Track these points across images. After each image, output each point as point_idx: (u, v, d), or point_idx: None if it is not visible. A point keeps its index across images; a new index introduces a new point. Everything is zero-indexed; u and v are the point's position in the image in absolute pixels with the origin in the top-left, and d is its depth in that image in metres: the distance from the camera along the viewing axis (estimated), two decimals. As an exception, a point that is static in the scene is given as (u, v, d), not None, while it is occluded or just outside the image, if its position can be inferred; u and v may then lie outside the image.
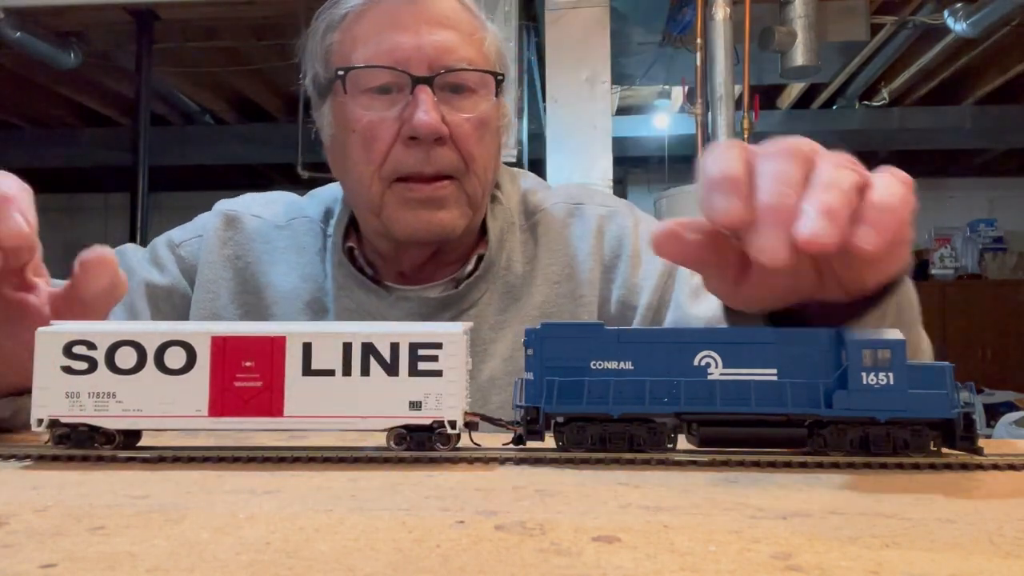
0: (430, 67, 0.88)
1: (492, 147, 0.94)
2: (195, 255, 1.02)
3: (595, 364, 0.56)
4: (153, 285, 0.99)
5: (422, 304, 0.97)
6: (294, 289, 0.98)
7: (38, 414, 0.54)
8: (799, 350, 0.55)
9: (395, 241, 0.94)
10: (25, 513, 0.41)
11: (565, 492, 0.46)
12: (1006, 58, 4.38)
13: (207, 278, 1.00)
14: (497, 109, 0.94)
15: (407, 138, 0.87)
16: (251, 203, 1.06)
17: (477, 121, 0.91)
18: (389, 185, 0.90)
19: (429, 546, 0.35)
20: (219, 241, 1.01)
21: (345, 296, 0.97)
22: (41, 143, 5.76)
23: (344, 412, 0.54)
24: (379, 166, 0.89)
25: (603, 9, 3.05)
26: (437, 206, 0.90)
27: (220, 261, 1.00)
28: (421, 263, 0.97)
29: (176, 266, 1.02)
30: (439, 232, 0.91)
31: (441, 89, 0.89)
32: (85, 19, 3.82)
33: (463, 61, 0.90)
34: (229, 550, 0.35)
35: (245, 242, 1.02)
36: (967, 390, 0.55)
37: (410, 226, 0.91)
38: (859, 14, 3.40)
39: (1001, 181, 6.45)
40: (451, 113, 0.89)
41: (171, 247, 1.03)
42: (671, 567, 0.33)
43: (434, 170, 0.89)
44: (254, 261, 1.01)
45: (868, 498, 0.45)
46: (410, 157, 0.88)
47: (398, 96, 0.89)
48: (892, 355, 0.54)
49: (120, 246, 1.03)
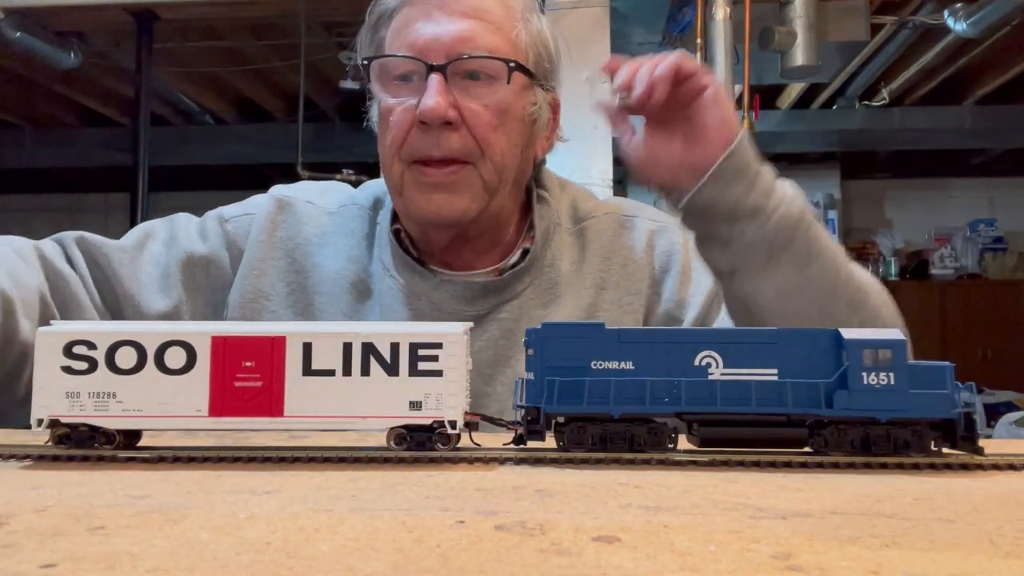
0: (447, 55, 0.91)
1: (514, 135, 0.96)
2: (241, 232, 1.06)
3: (596, 364, 0.56)
4: (193, 253, 1.03)
5: (466, 287, 0.99)
6: (340, 270, 1.02)
7: (38, 414, 0.54)
8: (800, 350, 0.55)
9: (415, 222, 0.98)
10: (25, 513, 0.41)
11: (565, 492, 0.46)
12: (1006, 58, 4.38)
13: (255, 256, 1.03)
14: (521, 98, 0.96)
15: (419, 123, 0.91)
16: (306, 190, 1.11)
17: (494, 107, 0.93)
18: (408, 167, 0.94)
19: (429, 546, 0.35)
20: (271, 223, 1.05)
21: (389, 276, 1.01)
22: (41, 143, 5.75)
23: (344, 412, 0.54)
24: (398, 149, 0.94)
25: (603, 9, 3.05)
26: (447, 190, 0.93)
27: (270, 242, 1.04)
28: (448, 245, 1.00)
29: (220, 239, 1.05)
30: (449, 216, 0.94)
31: (458, 76, 0.92)
32: (85, 19, 3.81)
33: (482, 49, 0.92)
34: (229, 550, 0.35)
35: (296, 225, 1.06)
36: (967, 390, 0.55)
37: (423, 208, 0.94)
38: (859, 14, 3.40)
39: (1001, 181, 6.44)
40: (466, 99, 0.92)
41: (220, 221, 1.07)
42: (671, 567, 0.33)
43: (442, 154, 0.92)
44: (303, 243, 1.05)
45: (868, 498, 0.45)
46: (421, 141, 0.92)
47: (418, 84, 0.92)
48: (893, 355, 0.54)
49: (175, 214, 1.09)
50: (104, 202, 7.10)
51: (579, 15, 3.05)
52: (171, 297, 1.01)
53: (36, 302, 0.88)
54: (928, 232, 6.40)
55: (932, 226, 6.39)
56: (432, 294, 0.99)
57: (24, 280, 0.87)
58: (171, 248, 1.04)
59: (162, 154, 4.48)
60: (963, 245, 6.31)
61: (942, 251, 6.30)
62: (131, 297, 0.99)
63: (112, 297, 0.99)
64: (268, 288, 1.03)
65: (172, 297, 1.01)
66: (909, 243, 6.53)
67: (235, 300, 1.02)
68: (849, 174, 6.39)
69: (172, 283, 1.01)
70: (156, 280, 1.01)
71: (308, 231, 1.06)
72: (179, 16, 3.84)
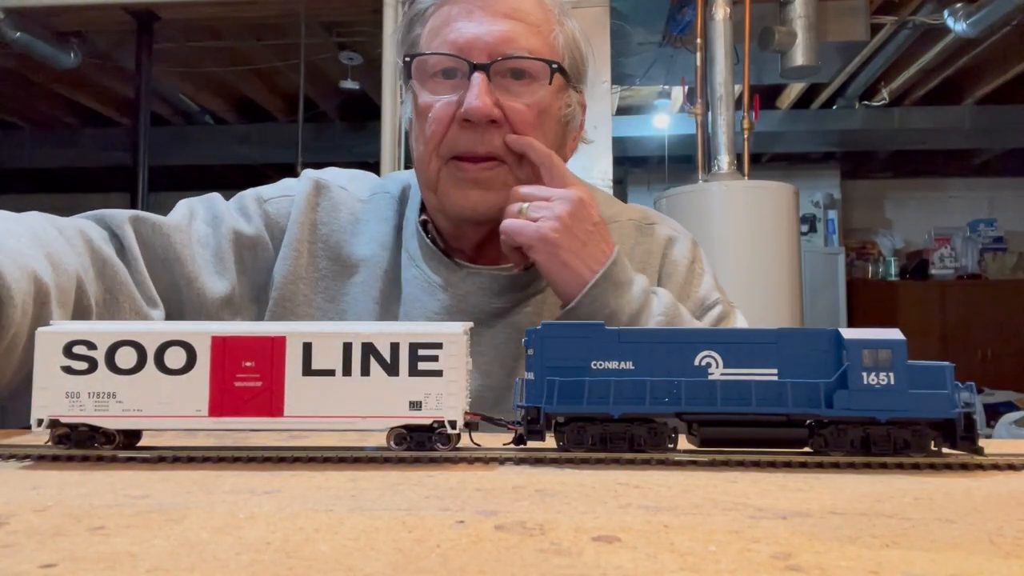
0: (490, 55, 0.92)
1: (550, 136, 0.98)
2: (281, 213, 1.05)
3: (596, 364, 0.56)
4: (241, 234, 1.02)
5: (493, 280, 1.00)
6: (374, 256, 1.03)
7: (38, 414, 0.54)
8: (800, 350, 0.55)
9: (450, 218, 0.99)
10: (25, 513, 0.41)
11: (565, 492, 0.46)
12: (1006, 58, 4.38)
13: (295, 237, 1.03)
14: (558, 99, 0.98)
15: (462, 120, 0.92)
16: (338, 176, 1.11)
17: (535, 107, 0.95)
18: (445, 163, 0.95)
19: (429, 546, 0.35)
20: (308, 205, 1.05)
21: (415, 266, 1.02)
22: (41, 143, 5.76)
23: (344, 412, 0.54)
24: (437, 145, 0.95)
25: (603, 9, 3.05)
26: (484, 186, 0.95)
27: (308, 224, 1.05)
28: (478, 242, 1.01)
29: (262, 220, 1.05)
30: (484, 212, 0.95)
31: (501, 76, 0.93)
32: (85, 19, 3.81)
33: (523, 50, 0.94)
34: (229, 550, 0.35)
35: (332, 210, 1.06)
36: (967, 390, 0.55)
37: (458, 203, 0.96)
38: (859, 14, 3.40)
39: (1001, 181, 6.44)
40: (508, 99, 0.93)
41: (259, 201, 1.06)
42: (671, 567, 0.33)
43: (486, 151, 0.93)
44: (338, 229, 1.05)
45: (868, 498, 0.45)
46: (464, 137, 0.93)
47: (460, 82, 0.93)
48: (892, 355, 0.54)
49: (207, 194, 1.07)
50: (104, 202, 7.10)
51: (579, 15, 3.04)
52: (228, 279, 1.00)
53: (72, 289, 0.84)
54: (928, 232, 6.41)
55: (932, 226, 6.40)
56: (460, 285, 1.00)
57: (64, 265, 0.83)
58: (217, 228, 1.02)
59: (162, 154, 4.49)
60: (963, 245, 6.32)
61: (942, 251, 6.31)
62: (193, 280, 0.97)
63: (169, 281, 0.97)
64: (303, 271, 1.03)
65: (229, 279, 1.00)
66: (909, 243, 6.54)
67: (276, 281, 1.02)
68: (849, 174, 6.40)
69: (227, 265, 1.01)
70: (211, 262, 1.00)
71: (343, 217, 1.06)
72: (179, 16, 3.85)
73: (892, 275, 6.30)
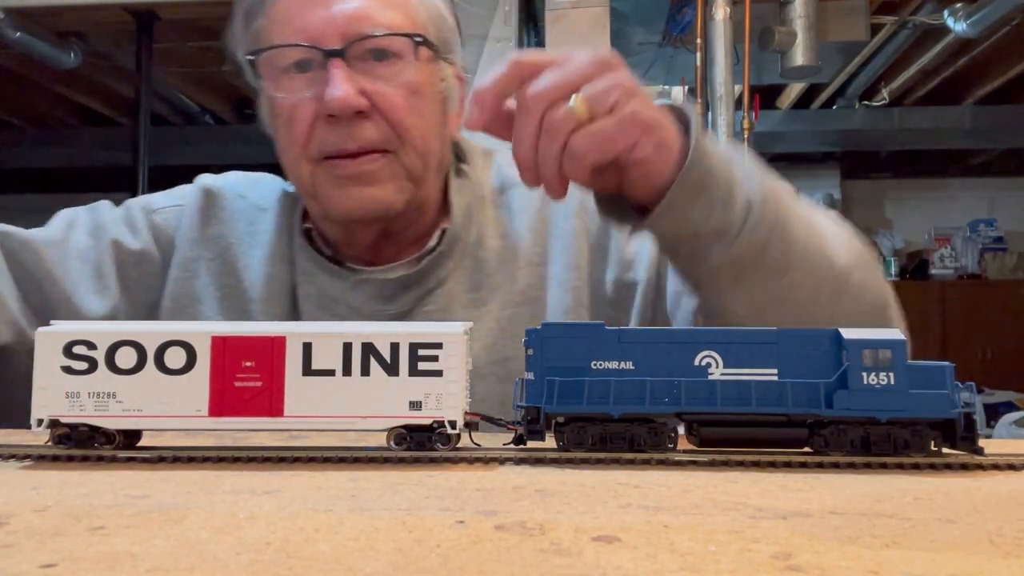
0: (344, 38, 0.82)
1: (431, 116, 0.88)
2: (171, 224, 0.97)
3: (596, 364, 0.56)
4: (123, 247, 0.94)
5: (382, 285, 0.90)
6: (273, 273, 0.93)
7: (38, 414, 0.54)
8: (800, 350, 0.55)
9: (337, 222, 0.90)
10: (25, 513, 0.41)
11: (565, 492, 0.46)
12: (1006, 58, 4.38)
13: (186, 256, 0.94)
14: (430, 75, 0.88)
15: (326, 116, 0.82)
16: (236, 183, 1.01)
17: (405, 88, 0.84)
18: (318, 164, 0.85)
19: (429, 546, 0.35)
20: (201, 219, 0.96)
21: (307, 281, 0.92)
22: (41, 143, 5.75)
23: (344, 412, 0.54)
24: (304, 147, 0.85)
25: (603, 9, 3.05)
26: (367, 182, 0.85)
27: (202, 240, 0.95)
28: (373, 243, 0.91)
29: (149, 232, 0.96)
30: (374, 209, 0.86)
31: (361, 59, 0.83)
32: (85, 19, 3.81)
33: (380, 27, 0.84)
34: (229, 550, 0.35)
35: (227, 222, 0.97)
36: (967, 390, 0.55)
37: (343, 205, 0.86)
38: (859, 14, 3.40)
39: (1001, 181, 6.44)
40: (374, 83, 0.83)
41: (147, 212, 0.97)
42: (671, 567, 0.33)
43: (358, 146, 0.83)
44: (236, 243, 0.95)
45: (868, 498, 0.45)
46: (332, 135, 0.83)
47: (316, 73, 0.83)
48: (892, 355, 0.54)
49: (95, 203, 0.99)
50: (104, 202, 7.10)
51: (579, 15, 3.05)
52: (109, 297, 0.92)
53: None
54: (928, 232, 6.41)
55: (932, 226, 6.39)
56: (350, 296, 0.90)
57: None
58: (99, 240, 0.94)
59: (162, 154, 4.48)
60: (963, 245, 6.31)
61: (942, 251, 6.30)
62: (69, 298, 0.89)
63: (41, 300, 0.88)
64: (201, 291, 0.93)
65: (109, 297, 0.92)
66: (909, 243, 6.53)
67: (167, 305, 0.93)
68: (849, 174, 6.39)
69: (108, 282, 0.92)
70: (90, 278, 0.91)
71: (240, 229, 0.96)
72: (179, 16, 3.84)
73: (892, 275, 6.30)
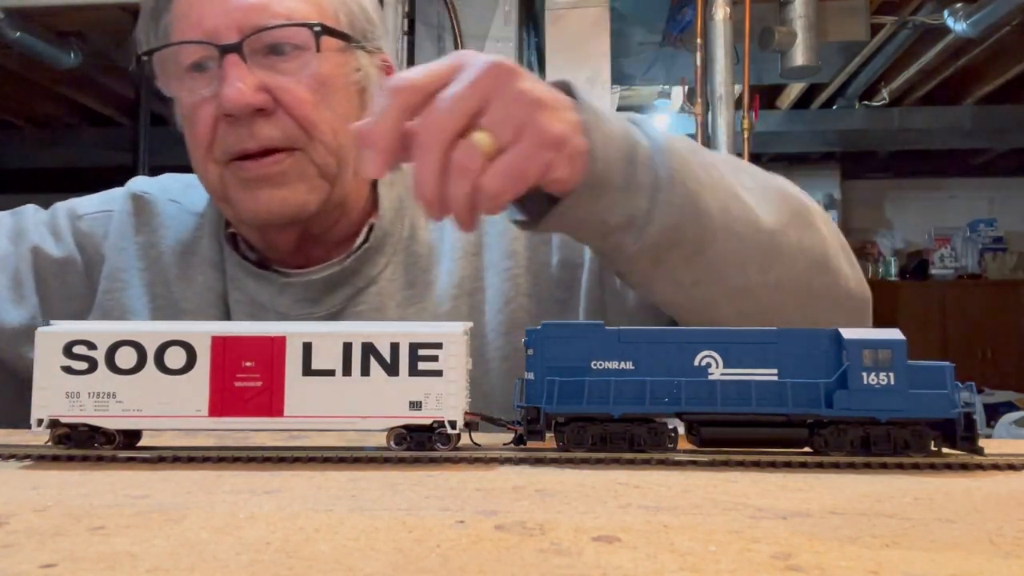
0: (240, 31, 0.78)
1: (342, 109, 0.83)
2: (97, 232, 0.92)
3: (596, 364, 0.56)
4: (43, 254, 0.90)
5: (307, 287, 0.86)
6: (206, 282, 0.89)
7: (38, 414, 0.54)
8: (800, 350, 0.55)
9: (250, 226, 0.86)
10: (25, 513, 0.41)
11: (565, 492, 0.46)
12: (1006, 58, 4.38)
13: (116, 266, 0.90)
14: (341, 65, 0.83)
15: (225, 116, 0.78)
16: (170, 186, 0.97)
17: (309, 82, 0.80)
18: (225, 166, 0.81)
19: (429, 546, 0.35)
20: (130, 227, 0.92)
21: (236, 288, 0.88)
22: (41, 143, 5.75)
23: (344, 412, 0.54)
24: (208, 149, 0.81)
25: (603, 9, 3.04)
26: (275, 183, 0.80)
27: (132, 249, 0.91)
28: (296, 246, 0.87)
29: (73, 239, 0.92)
30: (284, 212, 0.81)
31: (261, 54, 0.79)
32: (85, 19, 3.81)
33: (280, 17, 0.79)
34: (229, 550, 0.35)
35: (159, 229, 0.92)
36: (967, 390, 0.55)
37: (252, 208, 0.81)
38: (859, 14, 3.40)
39: (1001, 181, 6.44)
40: (276, 78, 0.79)
41: (72, 217, 0.93)
42: (671, 567, 0.33)
43: (259, 145, 0.79)
44: (167, 252, 0.91)
45: (868, 498, 0.45)
46: (232, 135, 0.79)
47: (215, 72, 0.79)
48: (892, 355, 0.54)
49: (22, 206, 0.95)
50: (104, 202, 7.09)
51: (579, 15, 3.05)
52: (27, 306, 0.88)
53: None
54: (928, 232, 6.41)
55: (932, 226, 6.40)
56: (278, 301, 0.86)
57: None
58: (18, 246, 0.90)
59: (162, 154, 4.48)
60: (963, 245, 6.31)
61: (942, 251, 6.31)
62: None
63: None
64: (132, 302, 0.89)
65: (28, 306, 0.88)
66: (909, 243, 6.54)
67: (96, 317, 0.89)
68: (849, 174, 6.39)
69: (26, 291, 0.88)
70: (6, 287, 0.88)
71: (172, 236, 0.91)
72: (179, 16, 3.84)
73: (892, 275, 6.30)
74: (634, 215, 0.65)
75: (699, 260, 0.69)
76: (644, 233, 0.66)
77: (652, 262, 0.68)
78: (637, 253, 0.67)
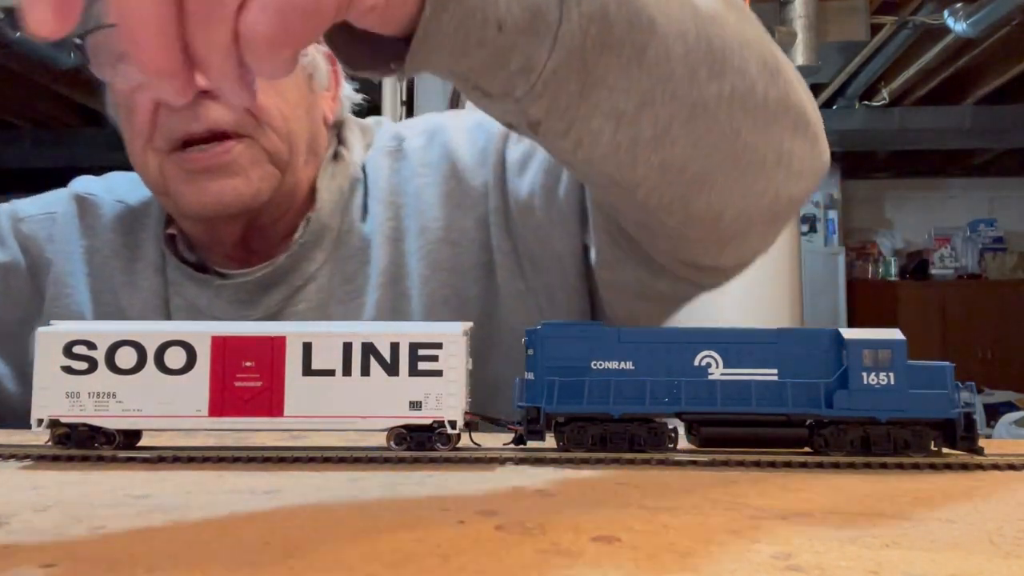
0: None
1: (290, 94, 0.79)
2: (40, 235, 0.89)
3: (596, 364, 0.56)
4: None
5: (240, 289, 0.82)
6: (148, 285, 0.85)
7: (38, 414, 0.54)
8: (800, 350, 0.55)
9: (194, 220, 0.82)
10: (25, 513, 0.41)
11: (565, 492, 0.46)
12: (1006, 58, 4.38)
13: (62, 271, 0.87)
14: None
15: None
16: (115, 185, 0.93)
17: None
18: (167, 156, 0.77)
19: (429, 546, 0.35)
20: (75, 229, 0.88)
21: (176, 293, 0.84)
22: (41, 143, 5.76)
23: (344, 412, 0.54)
24: (148, 138, 0.77)
25: (603, 9, 3.05)
26: (224, 173, 0.76)
27: (78, 253, 0.87)
28: (240, 239, 0.83)
29: (16, 242, 0.88)
30: (234, 203, 0.77)
31: None
32: (85, 19, 3.82)
33: None
34: (229, 550, 0.35)
35: (104, 232, 0.88)
36: (967, 390, 0.55)
37: (199, 201, 0.77)
38: (859, 14, 3.40)
39: (1001, 181, 6.44)
40: None
41: (13, 220, 0.89)
42: (671, 567, 0.33)
43: (205, 128, 0.75)
44: (112, 255, 0.87)
45: (868, 498, 0.45)
46: (175, 119, 0.74)
47: None
48: (892, 355, 0.54)
49: None
50: (104, 202, 7.10)
51: (579, 15, 3.04)
52: None
53: None
54: (928, 232, 6.41)
55: (932, 226, 6.40)
56: (215, 304, 0.82)
57: None
58: None
59: (162, 154, 4.48)
60: (963, 245, 6.32)
61: (942, 251, 6.31)
62: None
63: None
64: (80, 308, 0.86)
65: None
66: (909, 243, 6.54)
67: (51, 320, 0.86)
68: (849, 174, 6.39)
69: None
70: None
71: (117, 239, 0.87)
72: (179, 16, 3.84)
73: (892, 275, 6.30)
74: (538, 5, 0.46)
75: (639, 67, 0.51)
76: (560, 34, 0.47)
77: (580, 83, 0.49)
78: (558, 70, 0.48)
